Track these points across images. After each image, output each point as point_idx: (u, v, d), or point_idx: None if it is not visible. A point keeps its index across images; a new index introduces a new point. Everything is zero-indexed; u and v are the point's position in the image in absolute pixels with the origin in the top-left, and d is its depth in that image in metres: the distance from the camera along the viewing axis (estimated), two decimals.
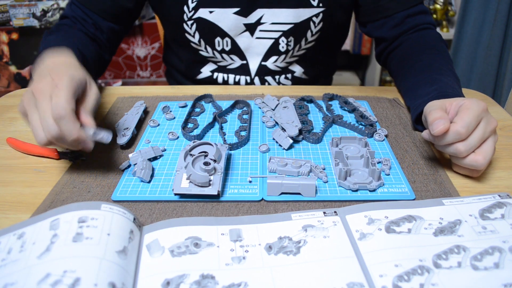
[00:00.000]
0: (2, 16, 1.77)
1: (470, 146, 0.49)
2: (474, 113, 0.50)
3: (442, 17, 1.94)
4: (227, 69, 0.86)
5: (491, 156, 0.50)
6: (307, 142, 0.61)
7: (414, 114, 0.63)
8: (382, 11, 0.78)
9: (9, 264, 0.37)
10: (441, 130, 0.49)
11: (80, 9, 0.76)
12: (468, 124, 0.49)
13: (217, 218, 0.45)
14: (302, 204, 0.49)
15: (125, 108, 0.71)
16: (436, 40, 0.75)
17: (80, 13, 0.76)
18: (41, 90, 0.50)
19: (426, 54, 0.71)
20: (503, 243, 0.41)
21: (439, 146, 0.52)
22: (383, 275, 0.38)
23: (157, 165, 0.56)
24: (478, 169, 0.51)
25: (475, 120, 0.49)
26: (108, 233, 0.39)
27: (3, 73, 1.94)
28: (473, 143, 0.49)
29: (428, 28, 0.78)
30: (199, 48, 0.84)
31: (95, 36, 0.76)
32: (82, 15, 0.76)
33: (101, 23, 0.77)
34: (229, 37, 0.81)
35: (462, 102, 0.52)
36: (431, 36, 0.76)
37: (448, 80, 0.63)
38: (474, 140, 0.49)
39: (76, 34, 0.73)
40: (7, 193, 0.51)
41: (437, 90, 0.60)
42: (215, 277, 0.37)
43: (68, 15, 0.77)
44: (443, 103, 0.54)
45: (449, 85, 0.61)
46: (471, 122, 0.49)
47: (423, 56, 0.71)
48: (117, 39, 0.82)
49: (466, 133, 0.49)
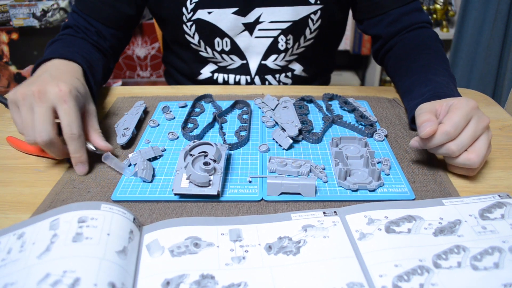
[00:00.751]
0: (2, 16, 1.77)
1: (461, 145, 0.49)
2: (463, 112, 0.50)
3: (442, 17, 1.94)
4: (227, 70, 0.86)
5: (485, 153, 0.50)
6: (307, 142, 0.61)
7: (409, 115, 0.64)
8: (377, 8, 0.78)
9: (9, 264, 0.37)
10: (429, 132, 0.49)
11: (82, 18, 0.76)
12: (457, 123, 0.49)
13: (217, 218, 0.45)
14: (302, 204, 0.49)
15: (125, 108, 0.71)
16: (432, 40, 0.75)
17: (82, 22, 0.76)
18: (44, 94, 0.51)
19: (422, 54, 0.71)
20: (503, 243, 0.41)
21: (432, 149, 0.52)
22: (383, 275, 0.38)
23: (157, 165, 0.56)
24: (473, 167, 0.51)
25: (464, 119, 0.49)
26: (108, 233, 0.39)
27: (3, 73, 1.94)
28: (464, 141, 0.49)
29: (424, 27, 0.78)
30: (199, 49, 0.84)
31: (99, 44, 0.76)
32: (84, 23, 0.76)
33: (104, 31, 0.77)
34: (228, 37, 0.81)
35: (452, 102, 0.52)
36: (427, 35, 0.76)
37: (442, 80, 0.63)
38: (465, 139, 0.49)
39: (81, 43, 0.73)
40: (7, 193, 0.51)
41: (431, 91, 0.61)
42: (215, 277, 0.37)
43: (70, 25, 0.77)
44: (433, 105, 0.54)
45: (444, 85, 0.61)
46: (460, 121, 0.49)
47: (419, 56, 0.71)
48: (120, 46, 0.82)
49: (455, 132, 0.49)
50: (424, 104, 0.55)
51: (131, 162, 0.55)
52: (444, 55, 0.72)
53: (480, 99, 0.75)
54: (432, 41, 0.75)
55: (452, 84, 0.64)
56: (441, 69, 0.67)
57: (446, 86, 0.61)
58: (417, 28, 0.78)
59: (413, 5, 0.78)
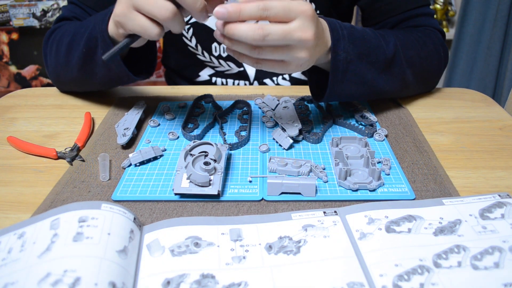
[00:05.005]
0: (2, 16, 1.77)
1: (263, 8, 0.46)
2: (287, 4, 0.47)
3: (442, 17, 1.94)
4: (225, 74, 0.86)
5: (275, 37, 0.47)
6: (307, 142, 0.61)
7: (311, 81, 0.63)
8: (379, 15, 0.76)
9: (10, 263, 0.37)
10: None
11: (81, 8, 0.73)
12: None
13: (217, 217, 0.45)
14: (302, 204, 0.49)
15: (125, 108, 0.71)
16: (431, 38, 0.70)
17: (81, 12, 0.73)
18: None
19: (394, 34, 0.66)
20: (503, 242, 0.41)
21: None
22: (383, 275, 0.38)
23: (157, 165, 0.56)
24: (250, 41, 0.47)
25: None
26: (109, 232, 0.39)
27: (3, 73, 1.94)
28: (275, 8, 0.46)
29: (431, 31, 0.73)
30: (196, 53, 0.84)
31: None
32: (83, 14, 0.73)
33: None
34: None
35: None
36: (427, 33, 0.71)
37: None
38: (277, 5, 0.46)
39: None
40: (7, 193, 0.51)
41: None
42: (215, 276, 0.37)
43: (67, 16, 0.73)
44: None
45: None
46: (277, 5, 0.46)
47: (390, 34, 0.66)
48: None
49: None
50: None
51: (132, 162, 0.55)
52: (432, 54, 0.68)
53: (480, 99, 0.75)
54: (429, 39, 0.70)
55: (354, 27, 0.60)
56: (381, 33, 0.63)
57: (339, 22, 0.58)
58: (420, 26, 0.73)
59: (423, 9, 0.74)
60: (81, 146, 0.60)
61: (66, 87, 0.75)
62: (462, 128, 0.65)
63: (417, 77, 0.68)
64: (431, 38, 0.71)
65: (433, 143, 0.61)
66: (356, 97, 0.65)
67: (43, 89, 0.80)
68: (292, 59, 0.51)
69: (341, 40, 0.57)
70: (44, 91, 0.79)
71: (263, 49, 0.49)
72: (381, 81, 0.63)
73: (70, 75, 0.68)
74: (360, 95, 0.64)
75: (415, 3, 0.74)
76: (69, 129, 0.66)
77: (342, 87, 0.60)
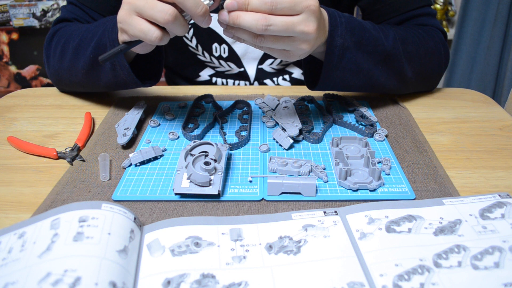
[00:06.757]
0: (2, 16, 1.77)
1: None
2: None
3: (442, 17, 1.94)
4: (226, 75, 0.86)
5: (275, 27, 0.48)
6: (307, 142, 0.61)
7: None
8: (380, 15, 0.75)
9: (10, 263, 0.37)
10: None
11: (81, 9, 0.73)
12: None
13: (217, 217, 0.45)
14: (303, 204, 0.49)
15: (126, 108, 0.71)
16: (432, 36, 0.69)
17: (81, 13, 0.73)
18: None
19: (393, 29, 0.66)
20: (503, 242, 0.41)
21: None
22: (383, 275, 0.38)
23: (157, 165, 0.56)
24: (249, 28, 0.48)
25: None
26: (109, 232, 0.39)
27: (3, 73, 1.94)
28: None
29: (432, 30, 0.72)
30: (196, 53, 0.84)
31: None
32: (85, 17, 0.72)
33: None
34: (226, 43, 0.81)
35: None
36: (427, 31, 0.70)
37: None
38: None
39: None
40: (7, 193, 0.51)
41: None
42: (215, 276, 0.38)
43: (67, 17, 0.73)
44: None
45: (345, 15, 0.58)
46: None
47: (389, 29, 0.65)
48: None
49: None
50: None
51: (132, 162, 0.55)
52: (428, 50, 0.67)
53: (480, 99, 0.75)
54: (430, 36, 0.69)
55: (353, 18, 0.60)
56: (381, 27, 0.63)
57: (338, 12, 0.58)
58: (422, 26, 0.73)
59: (424, 10, 0.73)
60: (81, 146, 0.60)
61: (66, 88, 0.75)
62: (462, 128, 0.65)
63: (416, 74, 0.68)
64: (432, 36, 0.71)
65: (433, 143, 0.61)
66: (351, 86, 0.64)
67: (43, 89, 0.80)
68: (293, 49, 0.52)
69: (338, 26, 0.57)
70: (44, 91, 0.79)
71: (264, 38, 0.50)
72: (378, 72, 0.63)
73: (74, 79, 0.68)
74: (355, 85, 0.64)
75: (417, 3, 0.73)
76: (69, 129, 0.66)
77: (337, 74, 0.60)
